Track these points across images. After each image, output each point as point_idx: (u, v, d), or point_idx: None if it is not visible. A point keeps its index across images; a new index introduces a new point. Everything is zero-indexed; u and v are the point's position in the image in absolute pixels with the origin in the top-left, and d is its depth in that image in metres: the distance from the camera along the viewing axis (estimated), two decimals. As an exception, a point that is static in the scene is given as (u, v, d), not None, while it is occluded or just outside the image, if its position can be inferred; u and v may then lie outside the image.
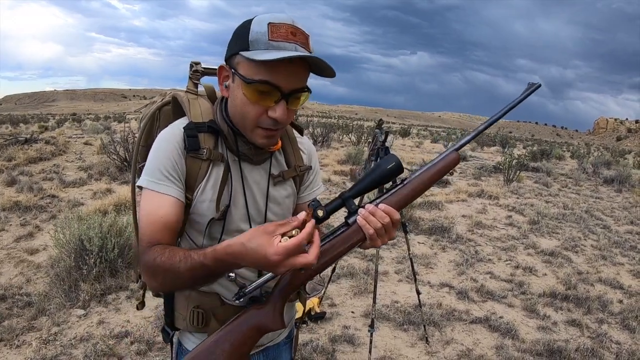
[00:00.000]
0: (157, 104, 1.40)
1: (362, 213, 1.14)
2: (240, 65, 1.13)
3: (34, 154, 11.65)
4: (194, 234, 1.30)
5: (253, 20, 1.11)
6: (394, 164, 1.16)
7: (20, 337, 3.56)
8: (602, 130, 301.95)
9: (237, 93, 1.15)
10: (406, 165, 14.28)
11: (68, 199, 7.99)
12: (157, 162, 1.21)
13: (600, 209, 9.73)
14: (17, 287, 4.41)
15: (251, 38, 1.09)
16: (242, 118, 1.19)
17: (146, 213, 1.18)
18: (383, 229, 1.14)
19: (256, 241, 0.96)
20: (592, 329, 4.17)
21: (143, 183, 1.20)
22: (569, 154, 28.78)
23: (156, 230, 1.16)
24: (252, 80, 1.10)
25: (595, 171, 16.54)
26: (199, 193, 1.24)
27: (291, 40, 1.10)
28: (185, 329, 1.34)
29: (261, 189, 1.34)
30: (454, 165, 1.26)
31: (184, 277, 1.06)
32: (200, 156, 1.22)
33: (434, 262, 5.71)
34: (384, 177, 1.16)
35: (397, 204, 1.19)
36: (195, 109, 1.28)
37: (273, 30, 1.08)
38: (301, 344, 3.58)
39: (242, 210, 1.30)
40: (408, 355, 3.59)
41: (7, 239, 5.89)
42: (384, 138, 3.51)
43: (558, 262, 5.94)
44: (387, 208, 1.15)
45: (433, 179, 1.24)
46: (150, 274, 1.12)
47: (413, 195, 1.22)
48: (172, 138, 1.23)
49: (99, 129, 23.32)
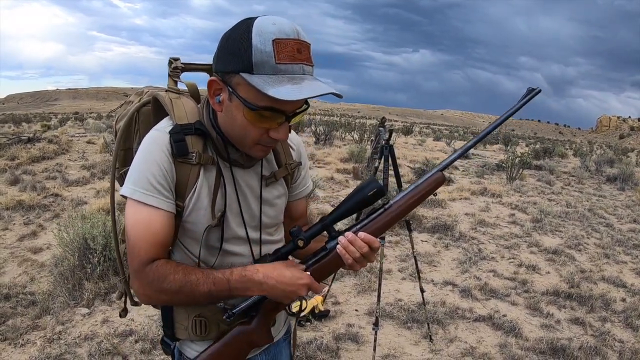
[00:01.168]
0: (135, 105, 1.31)
1: (342, 242, 1.17)
2: (241, 88, 1.06)
3: (36, 153, 11.65)
4: (189, 242, 1.25)
5: (253, 31, 1.01)
6: (376, 189, 1.17)
7: (24, 336, 3.57)
8: (605, 128, 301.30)
9: (236, 114, 1.10)
10: (408, 163, 14.28)
11: (71, 197, 8.00)
12: (144, 171, 1.14)
13: (603, 207, 9.71)
14: (21, 286, 4.43)
15: (255, 59, 1.01)
16: (241, 137, 1.15)
17: (138, 227, 1.14)
18: (362, 257, 1.17)
19: (290, 270, 1.16)
20: (595, 327, 4.17)
21: (129, 193, 1.15)
22: (571, 152, 28.72)
23: (151, 245, 1.14)
24: (257, 107, 1.06)
25: (598, 169, 16.51)
26: (194, 200, 1.19)
27: (297, 60, 1.03)
28: (187, 339, 1.32)
29: (254, 192, 1.30)
30: (438, 186, 1.25)
31: (200, 295, 1.13)
32: (190, 161, 1.16)
33: (437, 260, 5.71)
34: (365, 202, 1.18)
35: (378, 230, 1.20)
36: (180, 109, 1.20)
37: (279, 49, 1.00)
38: (305, 343, 3.58)
39: (237, 216, 1.27)
40: (412, 353, 3.59)
41: (10, 238, 5.91)
42: (388, 136, 3.50)
43: (561, 261, 5.94)
44: (366, 237, 1.17)
45: (416, 202, 1.24)
46: (155, 290, 1.14)
47: (395, 220, 1.23)
48: (159, 143, 1.15)
49: (102, 128, 23.32)
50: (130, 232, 1.15)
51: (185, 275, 1.13)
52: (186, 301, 1.17)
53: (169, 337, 1.34)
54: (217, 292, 1.13)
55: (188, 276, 1.13)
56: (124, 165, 1.30)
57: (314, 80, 1.05)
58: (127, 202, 1.17)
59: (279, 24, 1.02)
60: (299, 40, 1.04)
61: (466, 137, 43.30)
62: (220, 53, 1.08)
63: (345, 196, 1.23)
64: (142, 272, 1.14)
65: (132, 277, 1.17)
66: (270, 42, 1.00)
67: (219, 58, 1.09)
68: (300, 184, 1.48)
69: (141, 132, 1.28)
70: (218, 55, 1.10)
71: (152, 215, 1.14)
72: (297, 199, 1.49)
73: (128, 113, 1.31)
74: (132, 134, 1.31)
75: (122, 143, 1.30)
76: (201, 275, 1.13)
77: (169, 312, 1.31)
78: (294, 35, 1.03)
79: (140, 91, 1.41)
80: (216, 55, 1.11)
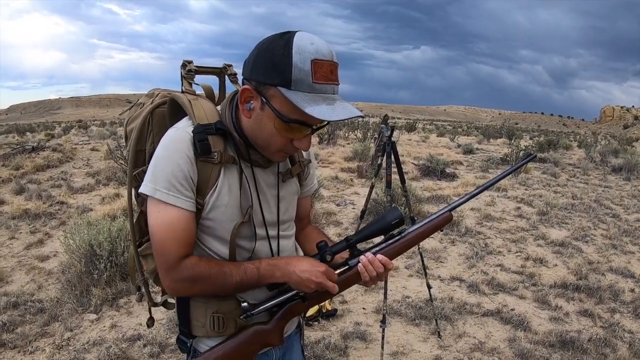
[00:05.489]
0: (148, 107, 1.33)
1: (363, 261, 1.32)
2: (276, 100, 1.11)
3: (41, 161, 11.71)
4: (207, 239, 1.28)
5: (293, 49, 1.07)
6: (398, 219, 1.35)
7: (33, 343, 3.58)
8: (609, 118, 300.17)
9: (267, 123, 1.16)
10: (412, 160, 14.26)
11: (77, 205, 8.04)
12: (165, 170, 1.17)
13: (609, 198, 9.67)
14: (28, 294, 4.44)
15: (294, 77, 1.07)
16: (267, 143, 1.21)
17: (163, 227, 1.18)
18: (377, 276, 1.32)
19: (309, 260, 1.28)
20: (604, 318, 4.15)
21: (150, 192, 1.17)
22: (576, 143, 28.59)
23: (179, 244, 1.19)
24: (289, 119, 1.12)
25: (603, 160, 16.44)
26: (214, 198, 1.22)
27: (330, 81, 1.11)
28: (204, 335, 1.33)
29: (272, 190, 1.35)
30: (446, 224, 1.47)
31: (231, 285, 1.23)
32: (212, 160, 1.20)
33: (444, 256, 5.70)
34: (387, 229, 1.36)
35: (393, 255, 1.37)
36: (199, 110, 1.23)
37: (316, 69, 1.08)
38: (313, 342, 3.58)
39: (258, 214, 1.31)
40: (420, 350, 3.59)
41: (17, 247, 5.94)
42: (390, 133, 3.50)
43: (568, 253, 5.92)
44: (384, 259, 1.32)
45: (426, 235, 1.44)
46: (190, 284, 1.22)
47: (407, 248, 1.42)
48: (180, 142, 1.18)
49: (105, 135, 23.43)
50: (155, 232, 1.19)
51: (220, 268, 1.22)
52: (214, 291, 1.25)
53: (185, 335, 1.36)
54: (247, 281, 1.23)
55: (222, 268, 1.22)
56: (136, 167, 1.32)
57: (343, 102, 1.14)
58: (148, 201, 1.20)
59: (316, 44, 1.09)
60: (332, 62, 1.12)
61: (470, 132, 43.20)
62: (257, 64, 1.13)
63: (370, 220, 1.42)
64: (174, 270, 1.20)
65: (162, 275, 1.22)
66: (309, 62, 1.07)
67: (254, 68, 1.14)
68: (307, 182, 1.54)
69: (155, 133, 1.31)
70: (254, 66, 1.14)
71: (175, 214, 1.18)
72: (303, 197, 1.55)
73: (141, 115, 1.33)
74: (145, 136, 1.32)
75: (135, 145, 1.31)
76: (233, 267, 1.23)
77: (185, 310, 1.33)
78: (329, 56, 1.11)
79: (150, 93, 1.43)
80: (251, 65, 1.15)
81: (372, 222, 1.37)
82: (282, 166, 1.38)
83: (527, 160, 1.54)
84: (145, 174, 1.21)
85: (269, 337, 1.32)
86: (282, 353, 1.49)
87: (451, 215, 1.46)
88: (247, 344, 1.30)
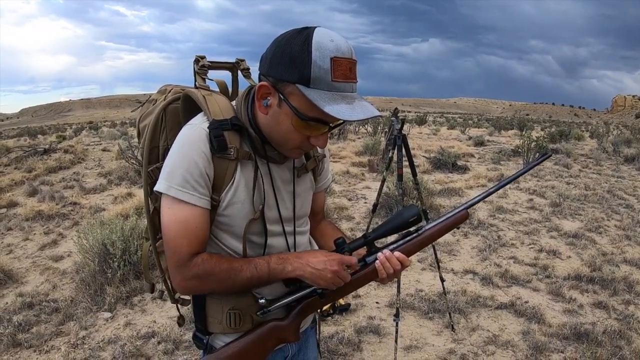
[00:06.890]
0: (161, 103, 1.33)
1: (380, 258, 1.31)
2: (294, 97, 1.10)
3: (53, 163, 11.81)
4: (223, 235, 1.28)
5: (313, 46, 1.05)
6: (416, 217, 1.33)
7: (48, 342, 3.62)
8: (621, 107, 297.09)
9: (284, 120, 1.15)
10: (424, 153, 14.20)
11: (89, 205, 8.10)
12: (180, 167, 1.16)
13: (622, 188, 9.57)
14: (43, 294, 4.48)
15: (313, 74, 1.05)
16: (283, 140, 1.20)
17: (175, 224, 1.18)
18: (393, 273, 1.32)
19: (322, 252, 1.27)
20: (618, 310, 4.11)
21: (164, 189, 1.17)
22: (588, 133, 28.30)
23: (191, 241, 1.19)
24: (307, 117, 1.11)
25: (615, 150, 16.26)
26: (231, 194, 1.22)
27: (349, 79, 1.10)
28: (220, 332, 1.33)
29: (287, 185, 1.34)
30: (462, 222, 1.45)
31: (241, 281, 1.22)
32: (228, 156, 1.19)
33: (457, 249, 5.68)
34: (405, 225, 1.34)
35: (410, 252, 1.37)
36: (214, 106, 1.22)
37: (336, 67, 1.06)
38: (327, 337, 3.59)
39: (274, 209, 1.31)
40: (434, 343, 3.58)
41: (31, 248, 6.00)
42: (401, 126, 3.49)
43: (582, 244, 5.87)
44: (400, 256, 1.32)
45: (443, 232, 1.43)
46: (200, 282, 1.21)
47: (424, 245, 1.41)
48: (195, 139, 1.18)
49: (116, 135, 23.56)
50: (167, 228, 1.19)
51: (230, 264, 1.21)
52: (225, 289, 1.24)
53: (202, 331, 1.36)
54: (258, 276, 1.21)
55: (232, 264, 1.21)
56: (150, 163, 1.31)
57: (362, 101, 1.13)
58: (162, 198, 1.20)
59: (336, 41, 1.08)
60: (351, 59, 1.10)
61: (480, 124, 42.92)
62: (275, 60, 1.11)
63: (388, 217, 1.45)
64: (185, 267, 1.19)
65: (173, 272, 1.21)
66: (328, 60, 1.06)
67: (272, 64, 1.12)
68: (322, 177, 1.53)
69: (168, 130, 1.30)
70: (272, 62, 1.12)
71: (188, 212, 1.18)
72: (317, 192, 1.54)
73: (154, 111, 1.33)
74: (158, 132, 1.32)
75: (150, 141, 1.31)
76: (243, 262, 1.22)
77: (201, 307, 1.34)
78: (348, 54, 1.09)
79: (162, 89, 1.43)
80: (268, 61, 1.13)
81: (390, 220, 1.35)
82: (297, 161, 1.38)
83: (543, 159, 1.55)
84: (160, 171, 1.21)
85: (285, 333, 1.32)
86: (298, 348, 1.49)
87: (467, 213, 1.45)
88: (263, 340, 1.30)
